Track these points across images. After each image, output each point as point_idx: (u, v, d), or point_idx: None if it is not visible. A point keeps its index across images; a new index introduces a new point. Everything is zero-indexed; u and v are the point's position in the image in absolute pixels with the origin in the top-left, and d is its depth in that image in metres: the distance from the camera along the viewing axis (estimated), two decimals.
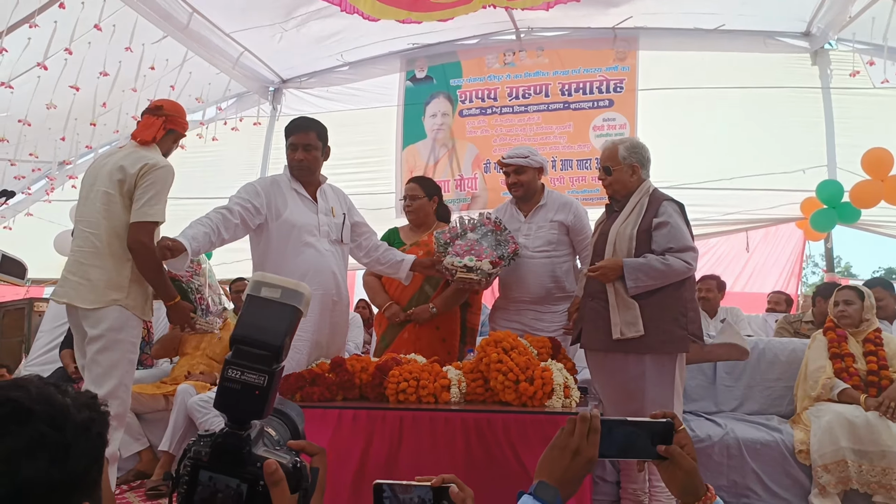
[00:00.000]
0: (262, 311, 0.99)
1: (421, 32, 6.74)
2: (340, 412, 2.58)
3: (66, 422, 0.78)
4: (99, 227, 2.83)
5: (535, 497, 1.08)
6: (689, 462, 1.12)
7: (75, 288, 2.80)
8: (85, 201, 2.92)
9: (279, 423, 1.07)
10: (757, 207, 6.33)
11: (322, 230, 3.06)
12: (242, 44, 6.62)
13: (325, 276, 3.02)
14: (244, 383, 0.93)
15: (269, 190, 3.03)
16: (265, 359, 0.94)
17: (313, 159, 3.06)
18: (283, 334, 0.97)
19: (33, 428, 0.75)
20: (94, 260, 2.82)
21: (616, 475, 3.29)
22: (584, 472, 1.10)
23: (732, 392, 3.94)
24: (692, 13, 6.31)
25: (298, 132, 3.06)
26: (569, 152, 6.68)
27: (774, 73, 6.41)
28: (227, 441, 0.92)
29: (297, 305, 1.01)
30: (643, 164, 3.04)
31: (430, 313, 3.45)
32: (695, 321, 2.90)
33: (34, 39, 5.00)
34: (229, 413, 0.94)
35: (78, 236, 2.90)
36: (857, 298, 3.59)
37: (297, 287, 1.02)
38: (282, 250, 2.98)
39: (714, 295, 5.11)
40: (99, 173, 2.91)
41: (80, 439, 0.79)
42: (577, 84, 6.75)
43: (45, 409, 0.77)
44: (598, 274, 2.86)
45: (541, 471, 1.12)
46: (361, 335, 5.54)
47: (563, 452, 1.11)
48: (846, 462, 3.13)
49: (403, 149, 7.18)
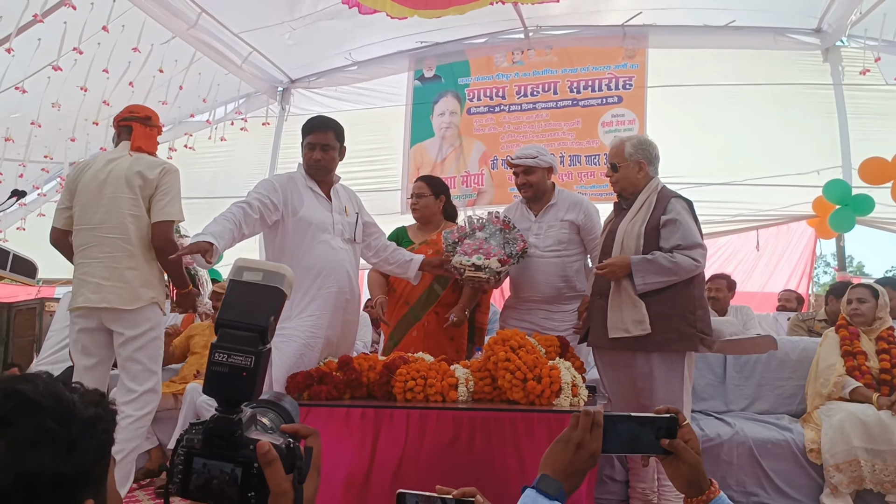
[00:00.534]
0: (246, 294, 0.99)
1: (429, 30, 6.74)
2: (348, 410, 2.58)
3: (72, 417, 0.78)
4: (127, 230, 2.98)
5: (538, 490, 1.08)
6: (693, 456, 1.13)
7: (113, 292, 2.94)
8: (97, 208, 3.00)
9: (275, 415, 1.07)
10: (768, 205, 6.29)
11: (336, 228, 3.06)
12: (251, 44, 6.64)
13: (339, 274, 3.02)
14: (231, 366, 0.93)
15: (286, 186, 3.01)
16: (251, 340, 0.94)
17: (330, 159, 3.06)
18: (267, 315, 0.97)
19: (39, 421, 0.75)
20: (129, 262, 2.98)
21: (625, 474, 3.28)
22: (587, 466, 1.11)
23: (742, 391, 3.91)
24: (702, 9, 6.27)
25: (317, 131, 3.06)
26: (577, 148, 6.66)
27: (785, 71, 6.36)
28: (218, 426, 0.92)
29: (279, 286, 1.00)
30: (650, 160, 3.02)
31: (465, 315, 3.46)
32: (704, 319, 2.88)
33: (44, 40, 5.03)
34: (218, 397, 0.94)
35: (102, 242, 2.99)
36: (872, 297, 3.56)
37: (279, 269, 1.01)
38: (297, 247, 2.98)
39: (724, 294, 5.08)
40: (107, 180, 3.01)
41: (86, 435, 0.79)
42: (586, 81, 6.73)
43: (52, 403, 0.77)
44: (606, 272, 2.85)
45: (545, 465, 1.12)
46: (370, 334, 5.54)
47: (567, 446, 1.12)
48: (858, 461, 3.10)
49: (411, 146, 7.18)
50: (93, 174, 3.05)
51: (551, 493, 1.07)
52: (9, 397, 0.75)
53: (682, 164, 6.05)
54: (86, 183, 3.05)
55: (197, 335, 4.58)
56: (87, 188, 3.03)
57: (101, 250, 2.99)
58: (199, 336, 4.58)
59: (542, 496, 1.07)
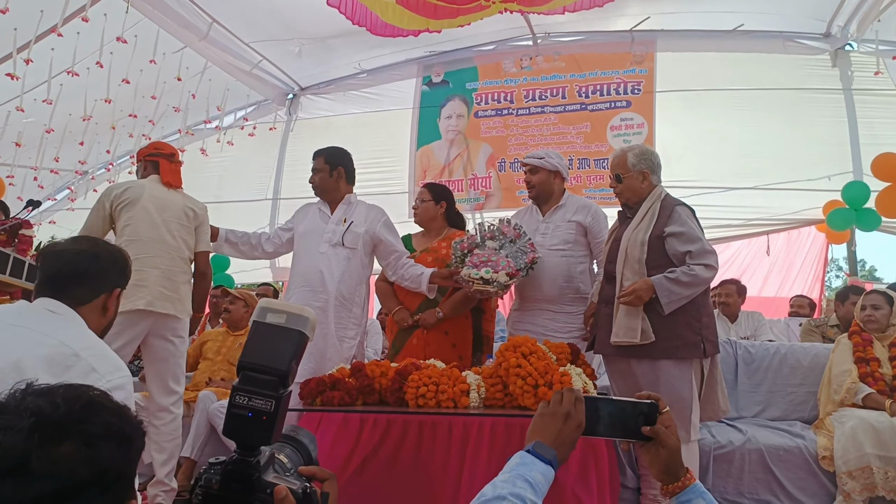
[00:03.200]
0: (268, 337, 1.00)
1: (438, 42, 6.78)
2: (362, 417, 2.60)
3: (127, 418, 0.85)
4: (183, 251, 3.43)
5: (534, 454, 1.10)
6: (672, 441, 1.15)
7: (171, 300, 3.31)
8: (157, 226, 3.36)
9: (292, 451, 1.08)
10: (778, 210, 6.27)
11: (325, 236, 3.46)
12: (261, 53, 6.69)
13: (310, 274, 3.41)
14: (252, 409, 0.94)
15: (300, 212, 3.70)
16: (272, 384, 0.96)
17: (321, 180, 3.56)
18: (289, 359, 0.98)
19: (106, 418, 0.81)
20: (184, 277, 3.42)
21: (636, 481, 3.27)
22: (574, 435, 1.15)
23: (754, 397, 3.90)
24: (710, 12, 6.27)
25: (313, 159, 3.60)
26: (586, 151, 6.65)
27: (794, 75, 6.35)
28: (237, 468, 0.93)
29: (302, 330, 1.02)
30: (653, 169, 3.04)
31: (436, 318, 3.47)
32: (709, 326, 2.89)
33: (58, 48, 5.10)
34: (238, 440, 0.95)
35: (164, 255, 3.34)
36: (886, 303, 3.54)
37: (302, 312, 1.03)
38: (294, 257, 3.59)
39: (734, 300, 5.06)
40: (167, 207, 3.42)
41: (137, 436, 0.86)
42: (595, 86, 6.73)
43: (111, 404, 0.85)
44: (631, 298, 2.82)
45: (533, 434, 1.15)
46: (381, 341, 5.55)
47: (555, 417, 1.15)
48: (871, 468, 3.07)
49: (418, 149, 7.17)
50: (149, 196, 3.39)
51: (548, 459, 1.10)
52: (77, 399, 0.81)
53: (691, 169, 6.05)
54: (143, 202, 3.37)
55: (210, 341, 4.61)
56: (147, 207, 3.37)
57: (163, 263, 3.33)
58: (211, 342, 4.60)
59: (539, 459, 1.10)
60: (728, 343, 4.00)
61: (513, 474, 1.06)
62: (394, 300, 3.64)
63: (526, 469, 1.07)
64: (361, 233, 3.45)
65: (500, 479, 1.06)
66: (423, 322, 3.48)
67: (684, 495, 1.13)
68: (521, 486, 1.03)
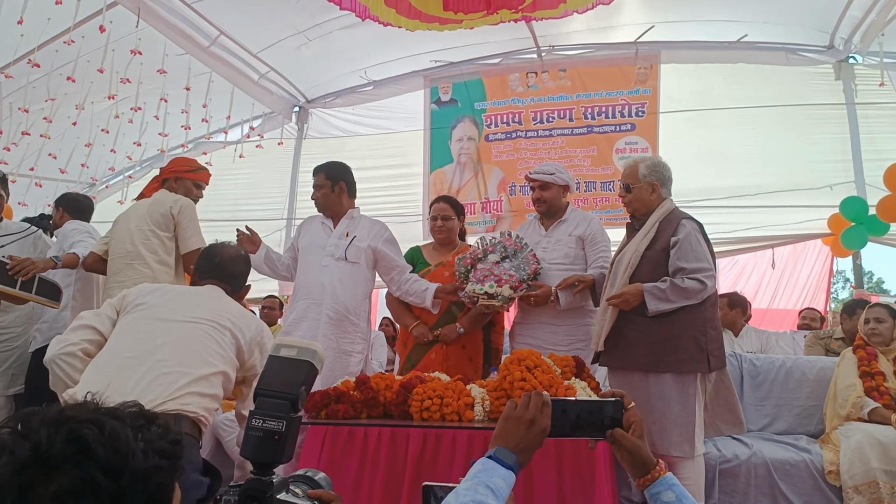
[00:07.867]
0: (282, 368, 1.17)
1: (443, 48, 6.81)
2: (366, 430, 2.60)
3: (123, 469, 0.78)
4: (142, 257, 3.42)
5: (496, 459, 1.13)
6: (630, 442, 1.21)
7: None
8: (123, 242, 3.44)
9: (307, 487, 1.21)
10: (783, 224, 6.26)
11: (328, 249, 3.47)
12: (268, 63, 6.73)
13: (312, 287, 3.44)
14: (266, 430, 1.09)
15: (303, 225, 3.74)
16: (283, 407, 1.11)
17: (322, 196, 3.59)
18: (299, 385, 1.15)
19: (87, 472, 0.76)
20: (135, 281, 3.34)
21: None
22: (537, 441, 1.18)
23: (760, 411, 3.88)
24: (714, 21, 6.28)
25: (313, 176, 3.66)
26: (593, 175, 6.69)
27: (797, 89, 6.35)
28: (252, 486, 1.07)
29: (311, 361, 1.18)
30: (663, 182, 3.05)
31: (457, 333, 3.48)
32: (716, 340, 2.88)
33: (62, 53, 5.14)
34: (254, 459, 1.09)
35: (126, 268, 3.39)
36: (889, 316, 3.53)
37: (311, 346, 1.21)
38: (298, 272, 3.60)
39: (725, 312, 4.93)
40: (131, 218, 3.50)
41: (136, 488, 0.79)
42: (601, 108, 6.78)
43: (107, 453, 0.78)
44: (620, 301, 2.86)
45: (496, 439, 1.18)
46: (385, 353, 5.56)
47: (519, 423, 1.18)
48: (878, 483, 3.06)
49: (431, 172, 7.23)
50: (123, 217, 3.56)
51: (509, 464, 1.13)
52: (70, 442, 0.77)
53: (695, 187, 6.05)
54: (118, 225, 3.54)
55: None
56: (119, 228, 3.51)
57: (123, 275, 3.36)
58: None
59: (500, 465, 1.13)
60: (733, 356, 3.98)
61: (475, 481, 1.09)
62: (410, 315, 3.64)
63: (487, 476, 1.10)
64: (364, 247, 3.47)
65: (463, 486, 1.09)
66: (443, 337, 3.49)
67: (654, 487, 1.21)
68: (482, 493, 1.07)
